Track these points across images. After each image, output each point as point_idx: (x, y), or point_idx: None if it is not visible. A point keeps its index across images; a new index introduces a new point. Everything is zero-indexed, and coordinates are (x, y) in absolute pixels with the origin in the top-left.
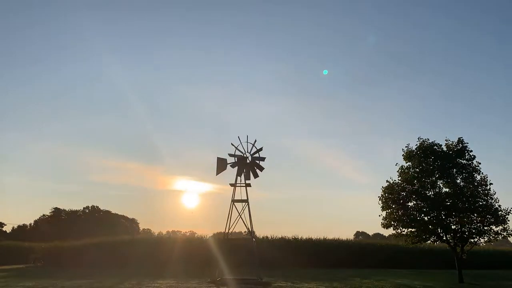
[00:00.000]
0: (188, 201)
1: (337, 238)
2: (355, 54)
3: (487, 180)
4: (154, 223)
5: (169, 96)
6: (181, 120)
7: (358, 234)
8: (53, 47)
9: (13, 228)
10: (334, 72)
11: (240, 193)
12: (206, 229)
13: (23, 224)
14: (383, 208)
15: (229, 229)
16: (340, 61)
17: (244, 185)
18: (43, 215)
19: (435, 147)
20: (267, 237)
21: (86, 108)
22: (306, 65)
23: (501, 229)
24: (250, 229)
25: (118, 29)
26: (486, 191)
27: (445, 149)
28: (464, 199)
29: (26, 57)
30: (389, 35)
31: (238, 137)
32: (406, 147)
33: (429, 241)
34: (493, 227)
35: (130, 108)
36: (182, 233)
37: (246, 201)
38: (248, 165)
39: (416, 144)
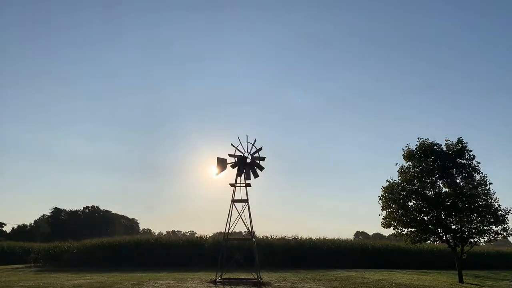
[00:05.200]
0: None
1: (337, 238)
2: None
3: (486, 180)
4: (154, 223)
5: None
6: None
7: (358, 234)
8: None
9: (13, 228)
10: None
11: (240, 193)
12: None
13: (23, 224)
14: (383, 208)
15: (229, 229)
16: (343, 63)
17: (244, 185)
18: (43, 215)
19: (435, 147)
20: (267, 237)
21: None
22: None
23: (501, 229)
24: (250, 229)
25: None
26: (485, 191)
27: (444, 149)
28: (464, 199)
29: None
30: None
31: (238, 137)
32: (406, 147)
33: (429, 241)
34: (493, 227)
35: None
36: (182, 233)
37: (246, 201)
38: (248, 165)
39: (416, 144)
